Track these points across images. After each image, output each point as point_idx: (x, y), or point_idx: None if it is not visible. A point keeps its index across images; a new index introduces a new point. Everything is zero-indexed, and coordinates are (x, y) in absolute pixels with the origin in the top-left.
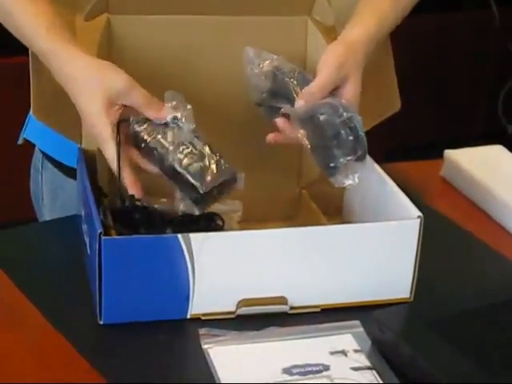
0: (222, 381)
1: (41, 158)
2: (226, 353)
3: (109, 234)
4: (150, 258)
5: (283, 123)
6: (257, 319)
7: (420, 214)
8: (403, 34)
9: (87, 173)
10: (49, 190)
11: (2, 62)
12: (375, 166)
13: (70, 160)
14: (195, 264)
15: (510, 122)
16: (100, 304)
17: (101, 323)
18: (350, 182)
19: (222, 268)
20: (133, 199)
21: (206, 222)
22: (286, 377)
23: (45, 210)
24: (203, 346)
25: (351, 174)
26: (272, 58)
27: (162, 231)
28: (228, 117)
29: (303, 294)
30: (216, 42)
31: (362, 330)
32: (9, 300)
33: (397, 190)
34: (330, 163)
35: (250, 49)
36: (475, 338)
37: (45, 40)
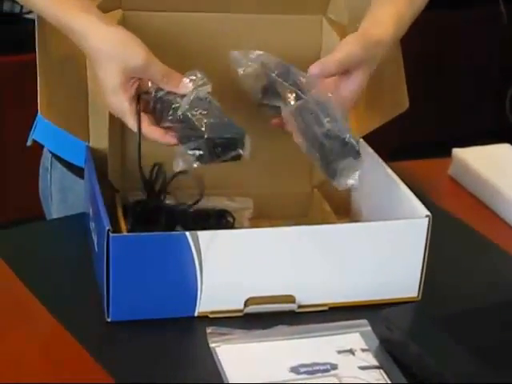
0: (230, 379)
1: (50, 157)
2: (233, 351)
3: (119, 229)
4: (157, 255)
5: (279, 125)
6: (264, 318)
7: (428, 213)
8: (411, 32)
9: (95, 171)
10: (57, 189)
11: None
12: (383, 164)
13: (78, 160)
14: (203, 262)
15: None
16: (108, 301)
17: (108, 320)
18: (351, 181)
19: (230, 266)
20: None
21: (217, 220)
22: (293, 376)
23: (53, 210)
24: (210, 345)
25: (351, 174)
26: (257, 54)
27: (172, 228)
28: (241, 114)
29: (311, 292)
30: (230, 40)
31: (370, 328)
32: (17, 298)
33: (405, 189)
34: (326, 168)
35: (234, 52)
36: (483, 338)
37: (62, 8)
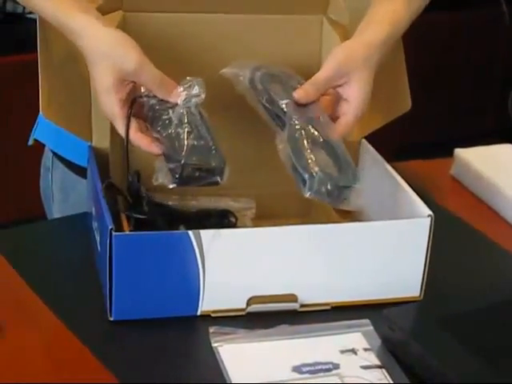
0: (232, 379)
1: (51, 157)
2: (235, 351)
3: (121, 228)
4: (160, 254)
5: None
6: (267, 317)
7: (430, 212)
8: (413, 33)
9: (98, 170)
10: (59, 189)
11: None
12: (385, 164)
13: (80, 159)
14: (205, 261)
15: None
16: (110, 300)
17: (111, 320)
18: (345, 207)
19: (233, 265)
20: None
21: (219, 219)
22: (295, 375)
23: (55, 209)
24: (213, 344)
25: (343, 200)
26: (247, 71)
27: (174, 228)
28: (242, 114)
29: (313, 291)
30: (231, 41)
31: (372, 328)
32: (19, 297)
33: (407, 189)
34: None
35: (225, 71)
36: (485, 337)
37: (61, 8)
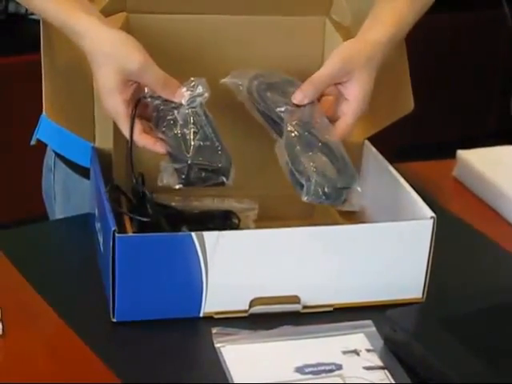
0: (235, 379)
1: (53, 157)
2: (238, 352)
3: (124, 230)
4: (163, 255)
5: None
6: (269, 318)
7: (433, 214)
8: (415, 34)
9: (101, 171)
10: (61, 189)
11: (15, 61)
12: (388, 165)
13: (82, 159)
14: (208, 262)
15: None
16: (113, 302)
17: (114, 321)
18: (347, 208)
19: (235, 267)
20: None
21: (222, 221)
22: (298, 376)
23: (57, 209)
24: (216, 345)
25: (343, 202)
26: (248, 75)
27: (177, 229)
28: (245, 116)
29: (316, 293)
30: (233, 42)
31: (375, 329)
32: (22, 298)
33: (410, 190)
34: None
35: (225, 80)
36: (487, 338)
37: (63, 9)
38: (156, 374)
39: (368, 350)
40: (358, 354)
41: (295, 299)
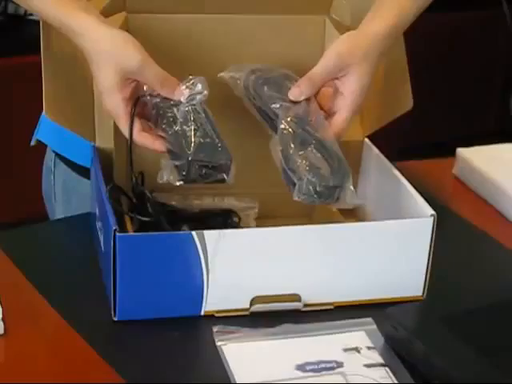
0: (236, 377)
1: (53, 157)
2: (239, 350)
3: (125, 229)
4: (164, 255)
5: None
6: (270, 316)
7: (433, 212)
8: (415, 33)
9: (102, 171)
10: (61, 189)
11: (15, 62)
12: (388, 164)
13: (82, 159)
14: (209, 261)
15: None
16: (114, 301)
17: (115, 320)
18: (341, 206)
19: (236, 265)
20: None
21: (223, 219)
22: (299, 373)
23: (57, 210)
24: (217, 343)
25: (336, 200)
26: (245, 69)
27: (178, 228)
28: (245, 114)
29: (317, 291)
30: (233, 41)
31: (375, 327)
32: (24, 298)
33: (410, 189)
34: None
35: (223, 74)
36: (488, 336)
37: (62, 8)
38: (157, 372)
39: (369, 348)
40: (358, 351)
41: (296, 297)
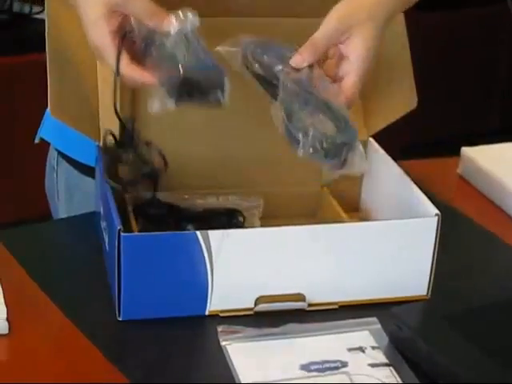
0: (240, 377)
1: (56, 155)
2: (244, 349)
3: (130, 229)
4: (168, 254)
5: None
6: (275, 316)
7: (437, 211)
8: (416, 31)
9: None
10: (64, 187)
11: (19, 60)
12: (392, 163)
13: (85, 158)
14: (214, 261)
15: None
16: (119, 300)
17: (119, 319)
18: (349, 170)
19: (241, 265)
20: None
21: (227, 219)
22: (304, 373)
23: (60, 208)
24: (221, 343)
25: (343, 162)
26: (243, 41)
27: (182, 227)
28: (251, 113)
29: (321, 291)
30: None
31: (380, 326)
32: (28, 298)
33: (414, 188)
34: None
35: (219, 48)
36: (493, 335)
37: None
38: (161, 372)
39: (373, 347)
40: (363, 351)
41: (300, 297)
